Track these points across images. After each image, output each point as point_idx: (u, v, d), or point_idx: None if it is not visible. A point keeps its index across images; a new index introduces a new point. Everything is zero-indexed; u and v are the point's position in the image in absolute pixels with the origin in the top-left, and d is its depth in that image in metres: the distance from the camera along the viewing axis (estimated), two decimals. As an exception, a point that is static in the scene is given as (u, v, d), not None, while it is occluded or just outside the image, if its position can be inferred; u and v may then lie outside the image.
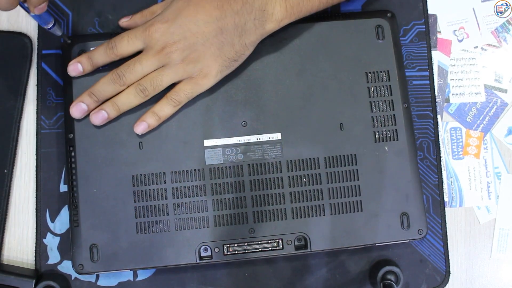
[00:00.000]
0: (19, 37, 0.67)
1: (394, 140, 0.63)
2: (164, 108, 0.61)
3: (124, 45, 0.60)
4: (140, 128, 0.61)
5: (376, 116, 0.63)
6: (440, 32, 0.70)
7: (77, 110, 0.60)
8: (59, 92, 0.66)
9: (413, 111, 0.68)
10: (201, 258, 0.61)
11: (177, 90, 0.60)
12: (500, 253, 0.68)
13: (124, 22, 0.66)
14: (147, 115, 0.61)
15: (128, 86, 0.60)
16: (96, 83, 0.60)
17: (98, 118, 0.60)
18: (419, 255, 0.66)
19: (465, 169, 0.68)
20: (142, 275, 0.65)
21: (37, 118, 0.66)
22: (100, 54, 0.61)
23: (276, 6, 0.59)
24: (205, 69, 0.60)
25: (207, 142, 0.62)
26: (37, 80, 0.66)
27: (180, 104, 0.61)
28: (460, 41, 0.70)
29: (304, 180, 0.62)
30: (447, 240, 0.67)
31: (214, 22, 0.58)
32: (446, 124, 0.69)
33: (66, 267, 0.64)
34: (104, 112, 0.60)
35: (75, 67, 0.61)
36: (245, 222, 0.61)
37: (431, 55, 0.69)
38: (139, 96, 0.60)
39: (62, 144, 0.64)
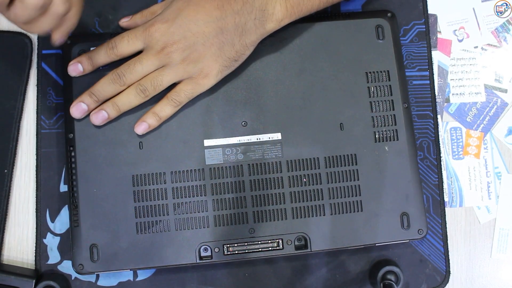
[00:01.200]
0: (19, 37, 0.67)
1: (394, 140, 0.63)
2: (165, 108, 0.61)
3: (124, 45, 0.60)
4: (141, 128, 0.61)
5: (376, 116, 0.63)
6: (440, 32, 0.70)
7: (77, 110, 0.60)
8: (59, 92, 0.66)
9: (413, 111, 0.68)
10: (201, 258, 0.61)
11: (178, 90, 0.60)
12: (500, 253, 0.68)
13: (124, 22, 0.66)
14: (147, 116, 0.61)
15: (128, 86, 0.60)
16: (96, 83, 0.60)
17: (98, 118, 0.60)
18: (419, 255, 0.66)
19: (465, 169, 0.68)
20: (142, 275, 0.65)
21: (37, 118, 0.66)
22: (100, 54, 0.61)
23: (276, 5, 0.59)
24: (205, 69, 0.60)
25: (207, 142, 0.62)
26: (37, 80, 0.66)
27: (180, 104, 0.61)
28: (460, 41, 0.70)
29: (304, 180, 0.62)
30: (447, 240, 0.67)
31: (214, 22, 0.58)
32: (446, 124, 0.69)
33: (66, 267, 0.64)
34: (104, 112, 0.60)
35: (75, 67, 0.61)
36: (245, 222, 0.61)
37: (431, 55, 0.69)
38: (139, 96, 0.60)
39: (62, 144, 0.64)
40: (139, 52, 0.60)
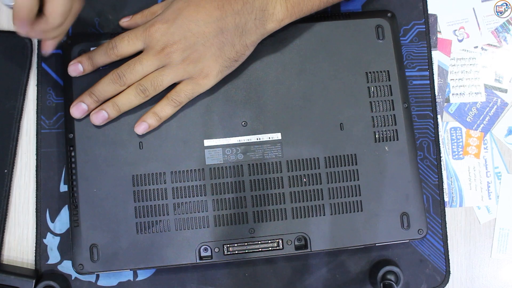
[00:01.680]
0: (19, 37, 0.66)
1: (394, 140, 0.63)
2: (165, 109, 0.61)
3: (125, 45, 0.60)
4: (141, 128, 0.61)
5: (376, 116, 0.63)
6: (440, 32, 0.70)
7: (77, 110, 0.60)
8: (59, 92, 0.66)
9: (413, 111, 0.68)
10: (201, 258, 0.61)
11: (178, 91, 0.60)
12: (500, 253, 0.68)
13: (124, 22, 0.66)
14: (147, 116, 0.61)
15: (129, 86, 0.60)
16: (97, 83, 0.60)
17: (99, 118, 0.60)
18: (419, 255, 0.66)
19: (465, 169, 0.68)
20: (142, 275, 0.65)
21: (37, 118, 0.66)
22: (101, 54, 0.61)
23: (276, 5, 0.59)
24: (205, 69, 0.60)
25: (207, 142, 0.62)
26: (37, 80, 0.66)
27: (180, 105, 0.61)
28: (460, 41, 0.70)
29: (304, 180, 0.62)
30: (447, 240, 0.67)
31: (214, 22, 0.58)
32: (446, 124, 0.69)
33: (66, 267, 0.64)
34: (104, 112, 0.60)
35: (76, 67, 0.61)
36: (245, 222, 0.61)
37: (431, 55, 0.69)
38: (139, 96, 0.60)
39: (62, 144, 0.64)
40: (139, 52, 0.60)
